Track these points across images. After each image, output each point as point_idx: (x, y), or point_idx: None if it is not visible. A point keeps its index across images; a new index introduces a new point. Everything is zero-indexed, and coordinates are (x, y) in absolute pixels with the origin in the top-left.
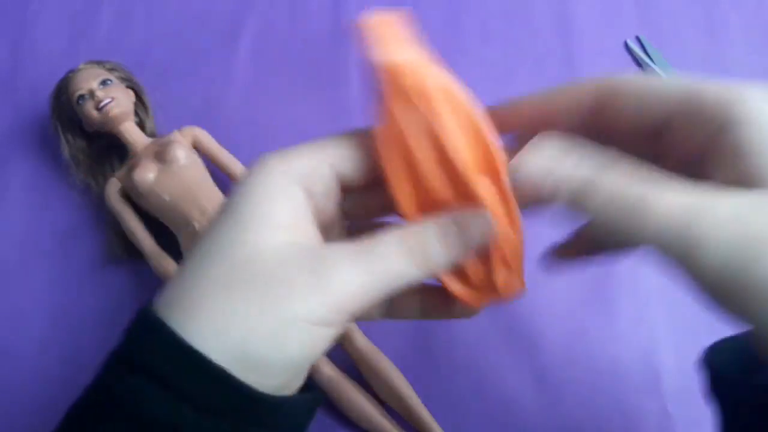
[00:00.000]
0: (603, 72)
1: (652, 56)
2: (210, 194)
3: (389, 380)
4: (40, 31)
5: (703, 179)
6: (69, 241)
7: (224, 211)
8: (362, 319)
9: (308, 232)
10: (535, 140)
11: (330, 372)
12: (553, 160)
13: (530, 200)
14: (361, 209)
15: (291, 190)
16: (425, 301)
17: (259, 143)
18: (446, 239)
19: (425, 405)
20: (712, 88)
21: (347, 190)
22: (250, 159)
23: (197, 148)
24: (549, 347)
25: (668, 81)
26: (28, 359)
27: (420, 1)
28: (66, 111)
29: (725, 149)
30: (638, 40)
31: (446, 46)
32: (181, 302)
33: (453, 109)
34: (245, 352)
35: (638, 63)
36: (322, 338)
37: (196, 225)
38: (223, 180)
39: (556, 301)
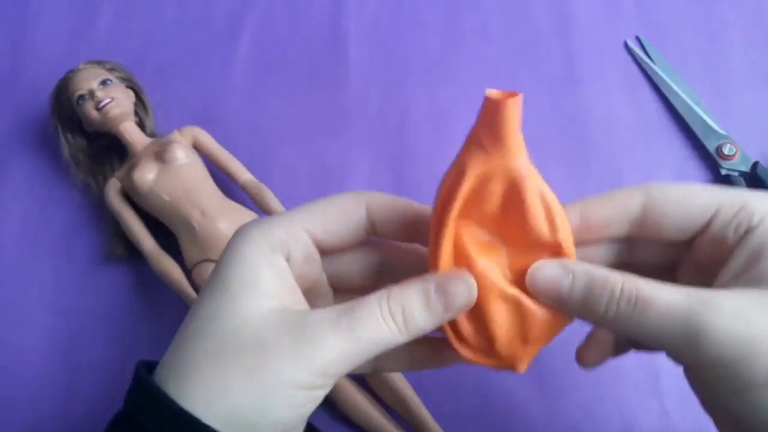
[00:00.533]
0: (605, 74)
1: (651, 56)
2: (210, 194)
3: (390, 380)
4: (40, 31)
5: (711, 283)
6: (69, 241)
7: (213, 280)
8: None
9: (293, 297)
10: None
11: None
12: (567, 263)
13: (551, 300)
14: (345, 273)
15: (272, 257)
16: (414, 354)
17: (258, 143)
18: (428, 302)
19: (425, 406)
20: (755, 195)
21: (326, 253)
22: (250, 158)
23: (197, 147)
24: (549, 347)
25: (713, 187)
26: (28, 358)
27: (420, 1)
28: (66, 111)
29: (746, 248)
30: (638, 40)
31: (446, 46)
32: (176, 372)
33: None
34: (234, 419)
35: (638, 63)
36: (308, 400)
37: (196, 225)
38: (223, 180)
39: None
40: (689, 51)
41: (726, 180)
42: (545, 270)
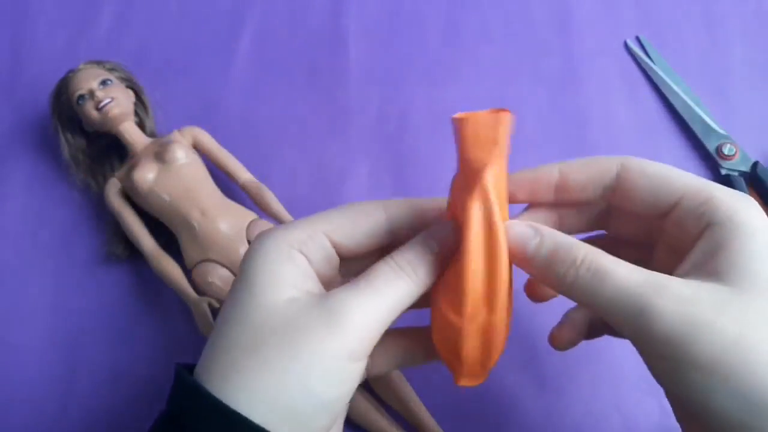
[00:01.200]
0: (605, 74)
1: (651, 56)
2: (210, 194)
3: (390, 380)
4: (39, 31)
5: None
6: (69, 241)
7: (239, 279)
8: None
9: (315, 287)
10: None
11: None
12: (538, 226)
13: (516, 258)
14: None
15: (293, 254)
16: (407, 348)
17: (258, 143)
18: (428, 250)
19: (424, 404)
20: (723, 190)
21: (345, 258)
22: (250, 158)
23: (197, 147)
24: (548, 346)
25: (686, 173)
26: (28, 358)
27: (420, 0)
28: (66, 111)
29: (707, 241)
30: (638, 40)
31: (446, 46)
32: (216, 371)
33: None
34: (278, 405)
35: (638, 63)
36: (348, 374)
37: (196, 225)
38: (224, 180)
39: (556, 300)
40: (689, 50)
41: (726, 180)
42: (517, 227)
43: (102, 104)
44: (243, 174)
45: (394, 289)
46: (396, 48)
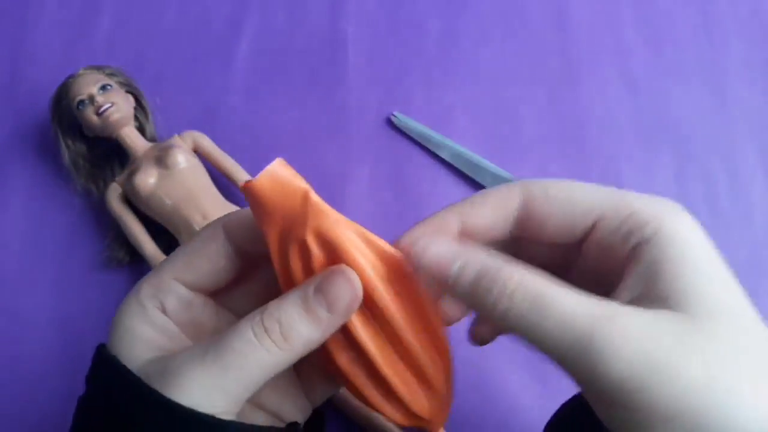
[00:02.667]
0: (603, 74)
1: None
2: (211, 198)
3: None
4: (39, 36)
5: (609, 293)
6: (70, 246)
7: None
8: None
9: (178, 344)
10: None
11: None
12: (462, 246)
13: (433, 284)
14: (247, 305)
15: (147, 315)
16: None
17: (259, 146)
18: (308, 307)
19: None
20: (643, 200)
21: (219, 293)
22: (251, 162)
23: (198, 151)
24: None
25: (596, 187)
26: (30, 363)
27: (417, 2)
28: (66, 116)
29: (641, 263)
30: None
31: (443, 49)
32: None
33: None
34: None
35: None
36: None
37: (198, 229)
38: (225, 184)
39: None
40: (686, 51)
41: None
42: (434, 248)
43: (102, 109)
44: (244, 177)
45: (251, 359)
46: (395, 51)
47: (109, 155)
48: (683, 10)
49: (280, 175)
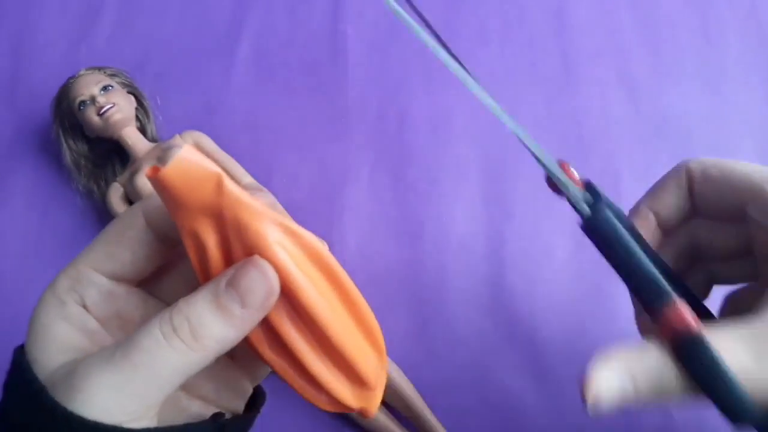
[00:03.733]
0: (602, 74)
1: None
2: None
3: (392, 381)
4: (40, 37)
5: None
6: (71, 247)
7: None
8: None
9: (98, 339)
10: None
11: None
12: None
13: None
14: (176, 292)
15: (63, 310)
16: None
17: (260, 146)
18: (219, 303)
19: (427, 405)
20: None
21: (146, 281)
22: (251, 162)
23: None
24: (549, 346)
25: (754, 167)
26: None
27: (417, 3)
28: (67, 117)
29: None
30: None
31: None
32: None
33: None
34: None
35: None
36: None
37: None
38: None
39: (556, 299)
40: (685, 51)
41: None
42: (606, 382)
43: (103, 110)
44: (244, 178)
45: (161, 364)
46: (394, 51)
47: (110, 155)
48: (682, 10)
49: (190, 163)
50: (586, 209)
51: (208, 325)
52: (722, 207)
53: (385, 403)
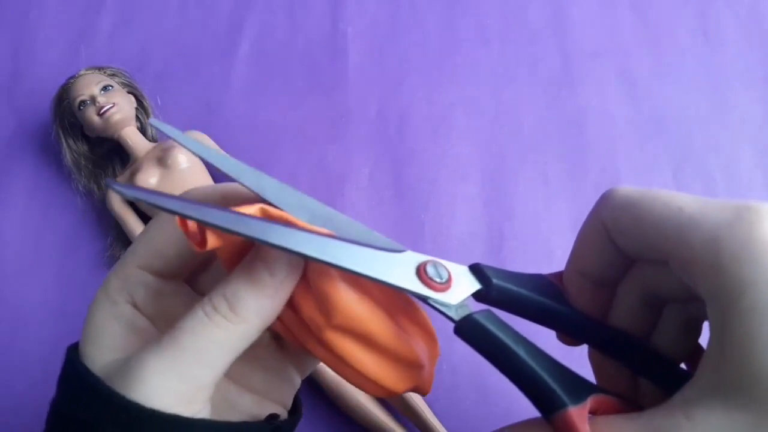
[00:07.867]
0: (601, 74)
1: None
2: None
3: None
4: (40, 37)
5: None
6: (72, 246)
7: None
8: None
9: (147, 338)
10: None
11: (334, 373)
12: None
13: None
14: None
15: (114, 310)
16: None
17: (259, 146)
18: (251, 276)
19: (427, 404)
20: (702, 234)
21: (190, 276)
22: (251, 162)
23: None
24: (549, 346)
25: (666, 213)
26: (31, 363)
27: (417, 3)
28: (67, 117)
29: (709, 346)
30: None
31: (444, 49)
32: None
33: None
34: None
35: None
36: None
37: None
38: None
39: None
40: (684, 52)
41: None
42: None
43: (103, 110)
44: None
45: (206, 342)
46: (394, 51)
47: (110, 155)
48: (681, 11)
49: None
50: (454, 314)
51: (244, 297)
52: (648, 257)
53: (385, 403)
